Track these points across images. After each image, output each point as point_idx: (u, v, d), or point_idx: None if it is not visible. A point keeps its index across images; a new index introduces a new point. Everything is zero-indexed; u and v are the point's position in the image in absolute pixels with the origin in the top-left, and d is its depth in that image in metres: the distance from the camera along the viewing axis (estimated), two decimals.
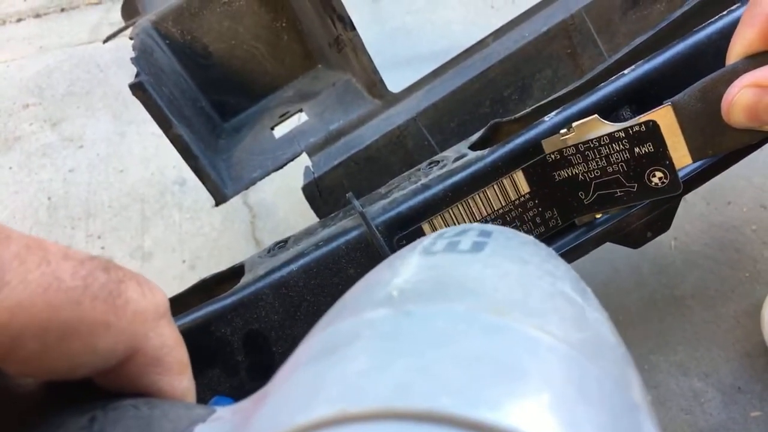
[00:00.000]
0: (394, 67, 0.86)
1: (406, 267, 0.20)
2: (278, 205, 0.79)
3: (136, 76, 0.49)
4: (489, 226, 0.24)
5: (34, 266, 0.15)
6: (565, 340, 0.16)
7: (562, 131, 0.38)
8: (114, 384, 0.18)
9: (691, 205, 0.69)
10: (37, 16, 1.14)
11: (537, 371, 0.14)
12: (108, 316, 0.16)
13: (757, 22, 0.34)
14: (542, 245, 0.24)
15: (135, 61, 0.50)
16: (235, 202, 0.81)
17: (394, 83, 0.58)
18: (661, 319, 0.61)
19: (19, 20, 1.15)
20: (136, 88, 0.48)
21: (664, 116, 0.37)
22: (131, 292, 0.17)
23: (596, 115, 0.38)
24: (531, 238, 0.24)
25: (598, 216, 0.41)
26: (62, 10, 1.14)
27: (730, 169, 0.67)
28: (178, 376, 0.20)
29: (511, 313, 0.16)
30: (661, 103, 0.37)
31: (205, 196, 0.82)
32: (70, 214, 0.84)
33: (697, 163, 0.40)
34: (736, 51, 0.35)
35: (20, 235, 0.16)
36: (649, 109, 0.38)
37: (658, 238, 0.67)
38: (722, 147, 0.37)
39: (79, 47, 1.07)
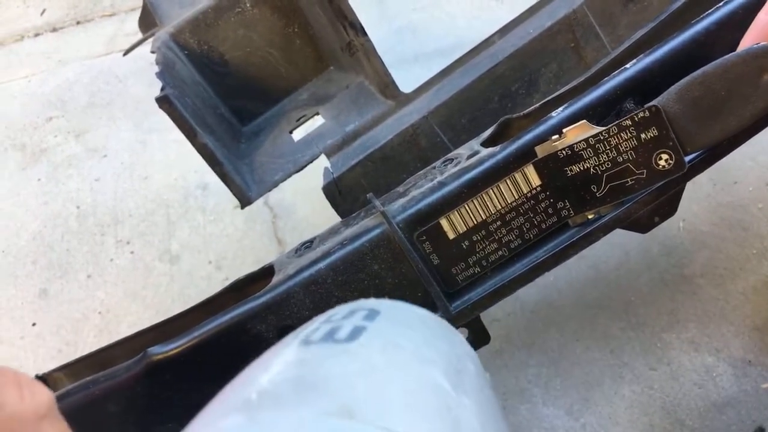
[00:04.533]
0: (402, 64, 0.88)
1: (277, 362, 0.21)
2: (298, 204, 0.82)
3: (162, 89, 0.52)
4: (380, 304, 0.25)
5: None
6: None
7: (554, 137, 0.41)
8: None
9: (698, 186, 0.70)
10: (54, 30, 1.18)
11: None
12: None
13: None
14: (433, 321, 0.25)
15: (160, 75, 0.52)
16: (257, 203, 0.84)
17: (403, 80, 0.60)
18: (671, 299, 0.63)
19: (36, 35, 1.18)
20: (163, 102, 0.51)
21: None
22: (7, 397, 0.18)
23: (584, 121, 0.40)
24: (423, 313, 0.25)
25: (590, 216, 0.43)
26: (78, 23, 1.18)
27: (736, 149, 0.69)
28: None
29: (360, 413, 0.17)
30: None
31: (227, 199, 0.85)
32: (99, 222, 0.88)
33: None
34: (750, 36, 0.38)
35: None
36: (651, 101, 0.40)
37: (666, 220, 0.69)
38: (701, 144, 0.40)
39: (97, 59, 1.10)
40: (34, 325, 0.80)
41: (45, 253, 0.86)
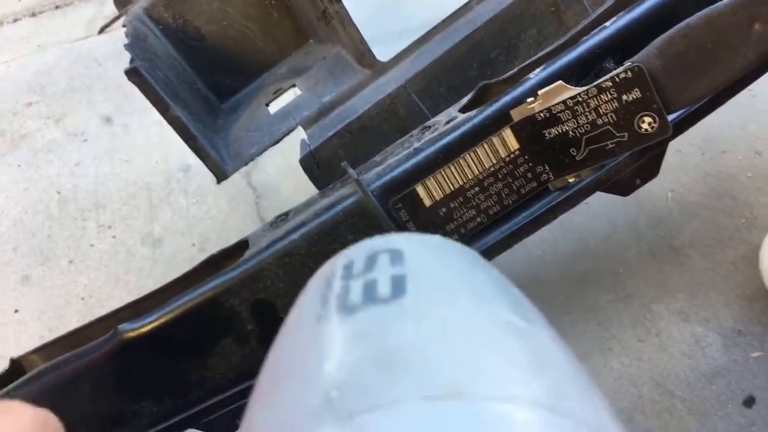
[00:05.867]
0: (387, 40, 0.86)
1: (331, 342, 0.17)
2: (281, 184, 0.81)
3: (131, 62, 0.50)
4: (396, 241, 0.21)
5: None
6: (531, 401, 0.15)
7: (529, 100, 0.39)
8: None
9: (687, 156, 0.69)
10: (33, 14, 1.15)
11: None
12: None
13: None
14: (453, 246, 0.22)
15: (128, 47, 0.51)
16: (239, 183, 0.82)
17: (387, 55, 0.59)
18: (660, 270, 0.62)
19: (15, 20, 1.16)
20: (132, 74, 0.50)
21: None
22: None
23: (560, 81, 0.39)
24: (438, 240, 0.21)
25: (570, 180, 0.42)
26: (57, 7, 1.15)
27: (724, 118, 0.68)
28: None
29: (466, 387, 0.14)
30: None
31: (210, 180, 0.83)
32: (80, 207, 0.86)
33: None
34: None
35: None
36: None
37: (654, 191, 0.68)
38: (687, 101, 0.38)
39: (76, 43, 1.08)
40: (16, 311, 0.79)
41: (26, 239, 0.85)
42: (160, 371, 0.43)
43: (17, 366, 0.51)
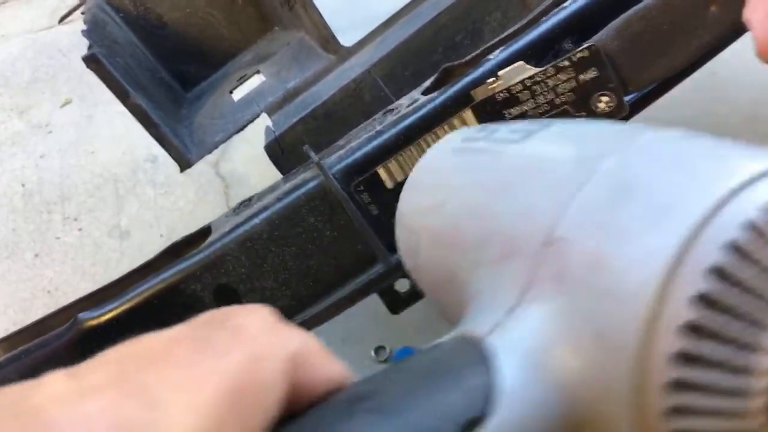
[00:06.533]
0: (356, 28, 0.86)
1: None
2: (250, 173, 0.80)
3: (89, 48, 0.49)
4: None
5: None
6: None
7: (489, 80, 0.39)
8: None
9: None
10: None
11: None
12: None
13: None
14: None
15: (86, 33, 0.50)
16: (208, 173, 0.82)
17: None
18: None
19: None
20: (90, 60, 0.49)
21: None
22: (239, 319, 0.17)
23: (520, 62, 0.39)
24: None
25: None
26: None
27: (688, 100, 0.68)
28: (329, 357, 0.18)
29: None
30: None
31: (178, 170, 0.83)
32: (45, 199, 0.85)
33: None
34: None
35: None
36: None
37: None
38: (644, 82, 0.39)
39: (40, 33, 1.06)
40: None
41: None
42: None
43: None
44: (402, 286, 0.44)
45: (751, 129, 0.67)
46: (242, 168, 0.80)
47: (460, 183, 0.25)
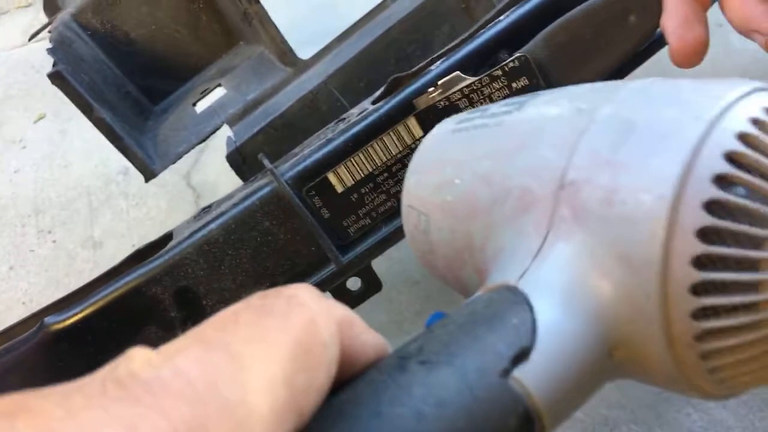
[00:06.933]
0: (319, 40, 0.88)
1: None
2: (220, 183, 0.82)
3: (53, 65, 0.51)
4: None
5: None
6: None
7: (430, 89, 0.42)
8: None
9: None
10: None
11: None
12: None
13: None
14: None
15: (51, 51, 0.52)
16: (179, 184, 0.84)
17: None
18: None
19: None
20: (54, 77, 0.51)
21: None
22: (291, 290, 0.18)
23: (457, 72, 0.41)
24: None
25: None
26: None
27: None
28: (369, 328, 0.20)
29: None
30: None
31: (150, 182, 0.85)
32: (19, 213, 0.86)
33: None
34: None
35: None
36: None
37: None
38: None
39: (13, 50, 1.08)
40: None
41: None
42: (87, 361, 0.44)
43: None
44: (353, 284, 0.46)
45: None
46: (212, 179, 0.82)
47: (468, 156, 0.27)
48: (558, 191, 0.21)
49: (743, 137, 0.18)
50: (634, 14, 0.41)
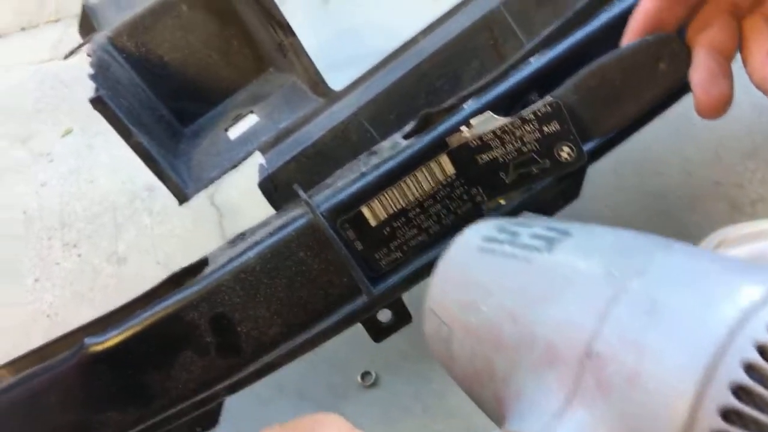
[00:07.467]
0: (344, 66, 0.90)
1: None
2: (243, 204, 0.84)
3: (95, 91, 0.53)
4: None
5: None
6: None
7: (463, 128, 0.43)
8: None
9: (622, 177, 0.74)
10: None
11: None
12: None
13: None
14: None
15: (93, 77, 0.54)
16: (203, 203, 0.85)
17: (344, 83, 0.63)
18: None
19: None
20: (96, 103, 0.53)
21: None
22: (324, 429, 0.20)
23: (489, 112, 0.43)
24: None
25: (502, 201, 0.46)
26: (22, 29, 1.17)
27: (660, 142, 0.72)
28: None
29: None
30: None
31: (175, 200, 0.86)
32: (46, 226, 0.88)
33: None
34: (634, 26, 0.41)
35: None
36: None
37: (594, 208, 0.72)
38: (602, 131, 0.43)
39: (42, 65, 1.10)
40: None
41: None
42: (124, 382, 0.46)
43: None
44: (384, 316, 0.48)
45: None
46: (236, 199, 0.84)
47: (494, 286, 0.28)
48: (584, 359, 0.22)
49: (761, 348, 0.20)
50: (664, 62, 0.43)
